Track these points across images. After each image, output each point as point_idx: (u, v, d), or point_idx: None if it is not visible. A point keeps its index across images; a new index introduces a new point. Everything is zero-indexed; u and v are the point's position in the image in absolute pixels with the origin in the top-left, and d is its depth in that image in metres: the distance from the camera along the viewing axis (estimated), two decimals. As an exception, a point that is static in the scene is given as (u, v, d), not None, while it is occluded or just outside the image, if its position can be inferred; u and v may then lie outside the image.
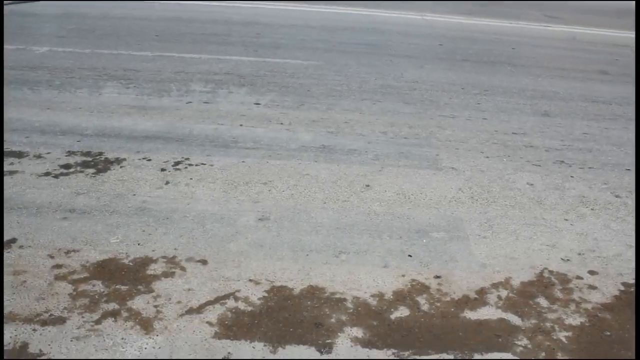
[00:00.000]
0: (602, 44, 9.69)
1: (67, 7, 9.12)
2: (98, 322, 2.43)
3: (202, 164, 3.96)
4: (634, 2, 14.41)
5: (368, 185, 3.80)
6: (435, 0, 13.55)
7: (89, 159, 3.94)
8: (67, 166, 3.82)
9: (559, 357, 2.43)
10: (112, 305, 2.53)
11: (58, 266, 2.79)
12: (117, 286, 2.66)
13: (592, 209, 3.74)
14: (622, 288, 2.94)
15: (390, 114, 5.19)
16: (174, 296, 2.63)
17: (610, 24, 12.05)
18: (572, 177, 4.19)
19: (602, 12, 14.35)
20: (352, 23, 9.60)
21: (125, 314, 2.49)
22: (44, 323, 2.41)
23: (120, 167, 3.85)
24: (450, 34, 9.47)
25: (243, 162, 4.02)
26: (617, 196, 3.94)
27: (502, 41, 9.21)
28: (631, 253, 3.25)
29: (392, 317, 2.59)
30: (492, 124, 5.13)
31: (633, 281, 3.00)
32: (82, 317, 2.46)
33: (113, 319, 2.46)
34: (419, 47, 8.24)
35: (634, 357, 2.47)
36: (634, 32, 11.04)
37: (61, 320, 2.43)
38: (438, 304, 2.70)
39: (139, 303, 2.56)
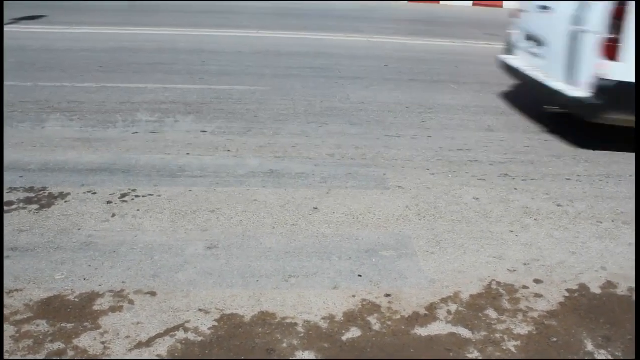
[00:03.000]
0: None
1: (6, 40, 8.94)
2: (43, 363, 2.37)
3: (149, 194, 3.92)
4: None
5: (316, 208, 3.82)
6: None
7: (32, 194, 3.85)
8: (9, 203, 3.72)
9: (508, 368, 2.48)
10: (58, 345, 2.47)
11: (0, 307, 2.70)
12: (62, 324, 2.60)
13: (535, 220, 3.84)
14: (567, 294, 3.02)
15: (337, 136, 5.25)
16: (123, 331, 2.58)
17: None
18: (515, 189, 4.31)
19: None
20: (298, 47, 9.69)
21: (71, 353, 2.43)
22: (-16, 368, 2.33)
23: (65, 201, 3.77)
24: (395, 54, 9.65)
25: (190, 191, 3.99)
26: (558, 205, 4.06)
27: (446, 60, 9.43)
28: (574, 260, 3.34)
29: (344, 338, 2.60)
30: (437, 142, 5.24)
31: (576, 287, 3.09)
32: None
33: (58, 359, 2.39)
34: (366, 68, 8.36)
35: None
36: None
37: (3, 364, 2.35)
38: (389, 323, 2.72)
39: (86, 340, 2.50)
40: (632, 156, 5.14)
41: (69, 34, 9.96)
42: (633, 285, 3.14)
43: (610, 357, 2.57)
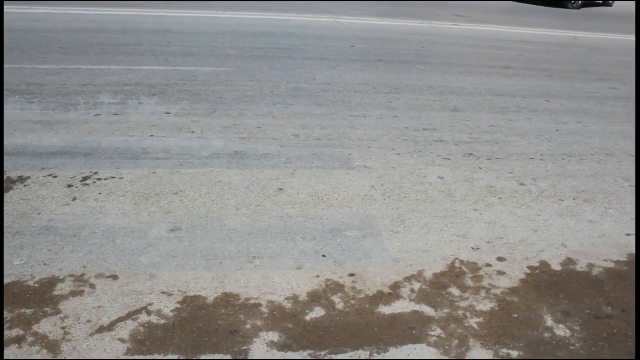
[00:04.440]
0: (506, 41, 10.09)
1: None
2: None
3: (112, 177, 3.85)
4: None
5: (281, 189, 3.80)
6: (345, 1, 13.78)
7: (-10, 179, 3.75)
8: (-35, 188, 3.63)
9: (470, 343, 2.51)
10: (16, 331, 2.42)
11: (-45, 294, 2.64)
12: (21, 310, 2.55)
13: (499, 198, 3.88)
14: (528, 271, 3.07)
15: (302, 116, 5.22)
16: (83, 315, 2.54)
17: (513, 22, 12.57)
18: (480, 168, 4.34)
19: (506, 11, 14.97)
20: (264, 28, 9.59)
21: (30, 339, 2.38)
22: (-61, 355, 2.27)
23: (24, 185, 3.68)
24: (363, 35, 9.62)
25: (154, 172, 3.93)
26: (521, 184, 4.11)
27: (412, 40, 9.43)
28: (535, 237, 3.39)
29: (307, 318, 2.60)
30: (402, 121, 5.25)
31: (537, 264, 3.13)
32: (-17, 345, 2.33)
33: (17, 345, 2.35)
34: (332, 49, 8.32)
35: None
36: (534, 29, 11.56)
37: (-41, 351, 2.30)
38: (353, 302, 2.73)
39: (46, 326, 2.46)
40: (588, 131, 5.23)
41: (29, 14, 9.69)
42: (592, 261, 3.20)
43: (568, 331, 2.63)
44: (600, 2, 18.85)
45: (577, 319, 2.72)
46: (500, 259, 3.17)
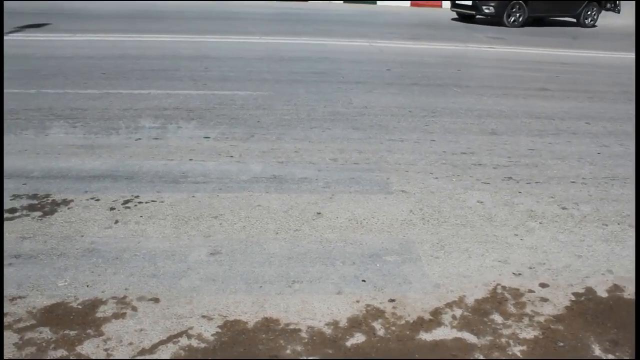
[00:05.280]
0: (542, 62, 10.01)
1: (10, 48, 8.95)
2: (45, 370, 2.36)
3: (152, 200, 3.91)
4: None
5: (319, 213, 3.80)
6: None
7: (35, 201, 3.84)
8: (12, 210, 3.71)
9: (514, 372, 2.45)
10: (61, 352, 2.45)
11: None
12: (65, 331, 2.59)
13: (540, 223, 3.81)
14: (573, 298, 3.00)
15: (340, 140, 5.24)
16: (125, 338, 2.56)
17: (548, 44, 12.47)
18: (520, 192, 4.28)
19: (540, 33, 14.87)
20: (300, 53, 9.70)
21: (74, 361, 2.41)
22: (-13, 376, 2.31)
23: (68, 208, 3.76)
24: (398, 59, 9.64)
25: (193, 196, 3.98)
26: (563, 208, 4.04)
27: (448, 64, 9.42)
28: (580, 263, 3.32)
29: (348, 344, 2.58)
30: (440, 145, 5.22)
31: (583, 291, 3.06)
32: (29, 366, 2.37)
33: (61, 365, 2.38)
34: (368, 73, 8.36)
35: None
36: (572, 50, 11.45)
37: (6, 372, 2.34)
38: (393, 328, 2.70)
39: (89, 347, 2.49)
40: (631, 153, 5.12)
41: (72, 42, 9.98)
42: (640, 288, 3.12)
43: (617, 361, 2.55)
44: (574, 20, 17.48)
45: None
46: (543, 285, 3.11)
